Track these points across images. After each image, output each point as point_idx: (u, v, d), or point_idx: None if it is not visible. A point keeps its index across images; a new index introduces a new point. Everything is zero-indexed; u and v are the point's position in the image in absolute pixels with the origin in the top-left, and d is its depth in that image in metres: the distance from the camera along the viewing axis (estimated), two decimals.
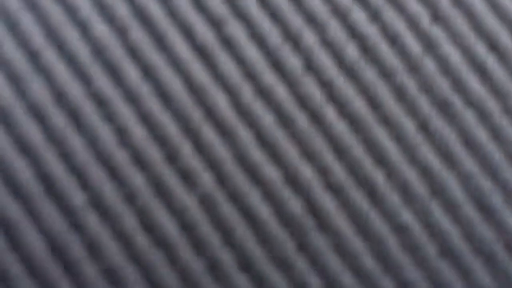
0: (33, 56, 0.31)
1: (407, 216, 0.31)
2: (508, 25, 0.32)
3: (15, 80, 0.31)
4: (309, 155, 0.31)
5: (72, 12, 0.32)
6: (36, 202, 0.30)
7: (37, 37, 0.32)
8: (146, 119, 0.31)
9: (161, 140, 0.31)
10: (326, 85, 0.32)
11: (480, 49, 0.32)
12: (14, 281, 0.30)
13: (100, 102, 0.31)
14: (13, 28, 0.32)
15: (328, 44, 0.32)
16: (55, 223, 0.30)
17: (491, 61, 0.32)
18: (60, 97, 0.31)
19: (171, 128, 0.31)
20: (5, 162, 0.31)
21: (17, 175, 0.30)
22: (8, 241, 0.30)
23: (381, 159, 0.31)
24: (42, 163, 0.31)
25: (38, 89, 0.31)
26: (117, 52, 0.32)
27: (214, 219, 0.31)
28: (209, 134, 0.31)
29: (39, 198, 0.30)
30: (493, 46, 0.32)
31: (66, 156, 0.31)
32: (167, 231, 0.30)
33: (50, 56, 0.31)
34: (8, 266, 0.30)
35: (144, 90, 0.31)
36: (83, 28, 0.32)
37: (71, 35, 0.32)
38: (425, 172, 0.31)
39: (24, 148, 0.31)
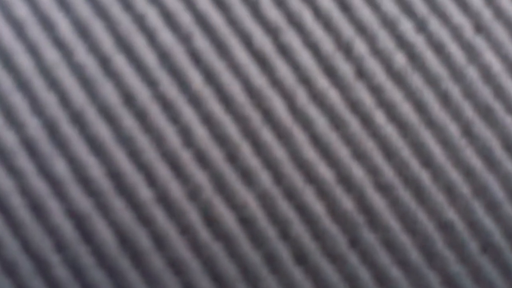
0: (104, 62, 0.34)
1: (451, 215, 0.33)
2: None
3: (87, 84, 0.34)
4: (360, 156, 0.33)
5: (139, 20, 0.34)
6: (107, 197, 0.33)
7: (107, 44, 0.34)
8: (208, 121, 0.33)
9: (222, 140, 0.33)
10: (376, 91, 0.34)
11: None
12: (86, 271, 0.32)
13: (166, 104, 0.33)
14: (85, 35, 0.34)
15: (377, 52, 0.34)
16: (124, 217, 0.33)
17: None
18: (129, 100, 0.33)
19: (232, 129, 0.33)
20: (79, 160, 0.33)
21: (89, 172, 0.33)
22: (81, 234, 0.32)
23: (427, 161, 0.33)
24: (112, 161, 0.33)
25: (109, 92, 0.33)
26: (181, 57, 0.34)
27: (272, 215, 0.33)
28: (266, 135, 0.33)
29: (109, 194, 0.33)
30: None
31: (134, 155, 0.33)
32: (228, 226, 0.33)
33: (119, 61, 0.34)
34: (81, 257, 0.32)
35: (206, 93, 0.34)
36: (150, 35, 0.34)
37: (139, 42, 0.34)
38: (468, 173, 0.33)
39: (96, 147, 0.33)
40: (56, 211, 0.33)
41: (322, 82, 0.34)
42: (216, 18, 0.34)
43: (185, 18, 0.34)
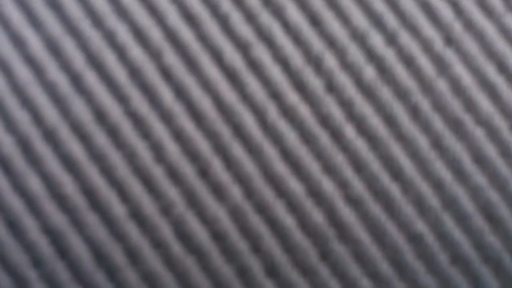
0: (75, 79, 0.34)
1: (421, 227, 0.33)
2: None
3: (59, 101, 0.34)
4: (330, 169, 0.34)
5: (110, 37, 0.34)
6: (81, 213, 0.33)
7: (79, 61, 0.34)
8: (179, 137, 0.34)
9: (193, 156, 0.34)
10: (346, 105, 0.34)
11: (490, 71, 0.34)
12: (63, 286, 0.33)
13: (137, 120, 0.34)
14: (56, 52, 0.34)
15: (347, 66, 0.34)
16: (98, 233, 0.33)
17: (500, 82, 0.34)
18: (100, 117, 0.34)
19: (203, 145, 0.34)
20: (52, 177, 0.33)
21: (63, 189, 0.33)
22: (56, 250, 0.33)
23: (397, 174, 0.34)
24: (85, 178, 0.33)
25: (80, 110, 0.34)
26: (151, 74, 0.34)
27: (243, 229, 0.33)
28: (237, 150, 0.34)
29: (83, 210, 0.33)
30: (502, 68, 0.34)
31: (107, 171, 0.33)
32: (200, 240, 0.33)
33: (90, 78, 0.34)
34: (57, 273, 0.33)
35: (177, 109, 0.34)
36: (120, 52, 0.34)
37: (109, 59, 0.34)
38: (438, 185, 0.33)
39: (69, 164, 0.33)
40: (32, 228, 0.33)
41: (292, 96, 0.34)
42: (186, 34, 0.35)
43: (155, 34, 0.35)
